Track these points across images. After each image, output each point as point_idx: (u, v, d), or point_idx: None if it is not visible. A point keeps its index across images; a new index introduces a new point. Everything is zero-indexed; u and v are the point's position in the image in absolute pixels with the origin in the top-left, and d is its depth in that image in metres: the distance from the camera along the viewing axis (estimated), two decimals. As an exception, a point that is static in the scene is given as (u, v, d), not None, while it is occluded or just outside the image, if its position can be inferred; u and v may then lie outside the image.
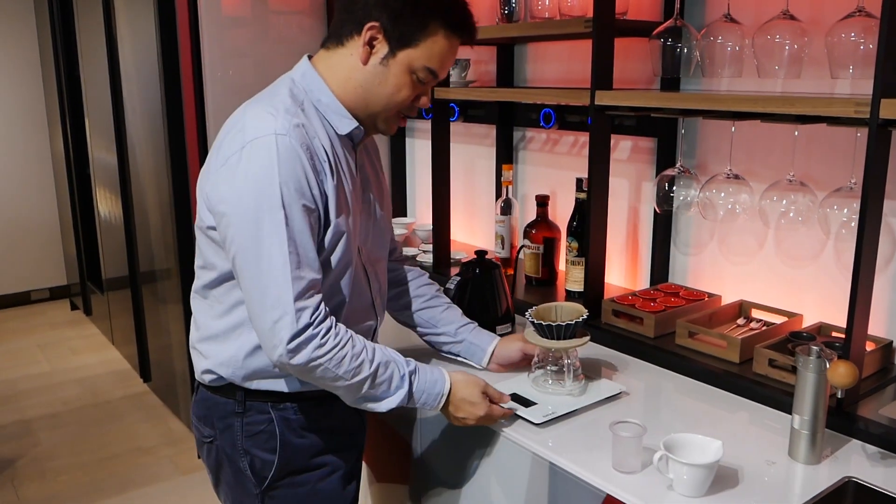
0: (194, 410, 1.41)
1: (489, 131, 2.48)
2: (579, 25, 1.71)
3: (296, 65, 1.32)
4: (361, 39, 1.23)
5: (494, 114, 2.38)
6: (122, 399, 3.52)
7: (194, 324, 1.38)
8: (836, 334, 1.55)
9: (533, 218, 2.17)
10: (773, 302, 1.71)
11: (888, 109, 1.19)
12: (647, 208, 2.00)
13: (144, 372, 3.56)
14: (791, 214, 1.51)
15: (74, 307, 4.79)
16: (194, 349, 1.37)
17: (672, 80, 1.76)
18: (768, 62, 1.50)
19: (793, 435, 1.23)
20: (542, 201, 2.14)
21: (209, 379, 1.33)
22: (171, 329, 3.08)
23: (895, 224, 1.48)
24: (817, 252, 1.62)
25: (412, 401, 1.29)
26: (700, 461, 1.12)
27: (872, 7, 1.33)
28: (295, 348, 1.16)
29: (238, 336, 1.29)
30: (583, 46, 2.06)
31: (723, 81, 1.71)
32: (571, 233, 2.02)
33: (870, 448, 1.26)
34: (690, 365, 1.55)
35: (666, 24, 1.65)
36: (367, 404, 1.27)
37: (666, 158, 1.87)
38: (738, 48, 1.57)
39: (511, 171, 2.24)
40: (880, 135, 1.21)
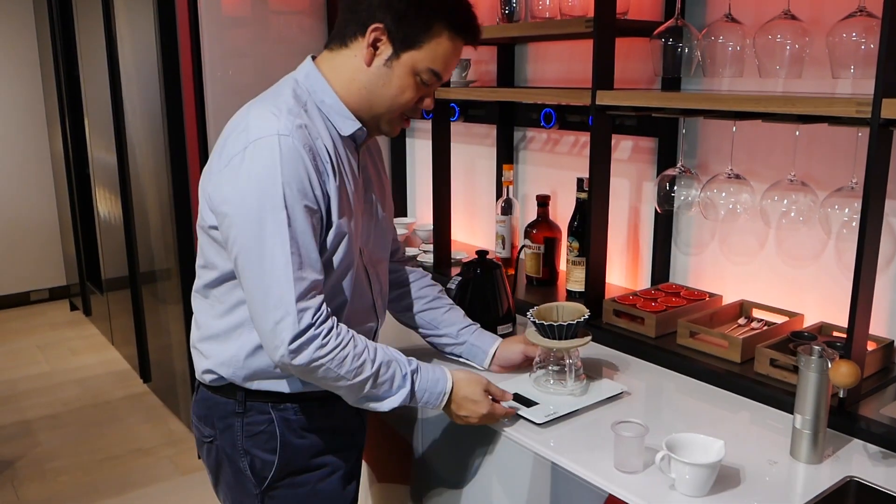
0: (194, 410, 1.41)
1: (490, 131, 2.48)
2: (580, 25, 1.71)
3: (299, 65, 1.32)
4: (365, 41, 1.23)
5: (495, 114, 2.38)
6: (121, 399, 3.52)
7: (195, 323, 1.38)
8: (837, 334, 1.55)
9: (534, 218, 2.17)
10: (774, 302, 1.71)
11: (889, 109, 1.19)
12: (648, 208, 2.00)
13: (144, 372, 3.55)
14: (792, 214, 1.51)
15: (74, 308, 4.78)
16: (195, 349, 1.37)
17: (673, 80, 1.76)
18: (769, 62, 1.50)
19: (794, 434, 1.24)
20: (543, 201, 2.14)
21: (210, 379, 1.33)
22: (170, 329, 3.08)
23: (896, 224, 1.49)
24: (818, 252, 1.62)
25: (414, 400, 1.29)
26: (702, 461, 1.12)
27: (873, 7, 1.33)
28: (297, 349, 1.16)
29: (239, 336, 1.29)
30: (583, 46, 2.06)
31: (724, 81, 1.71)
32: (572, 233, 2.02)
33: (871, 448, 1.26)
34: (692, 365, 1.55)
35: (667, 23, 1.65)
36: (370, 404, 1.27)
37: (667, 158, 1.87)
38: (739, 48, 1.57)
39: (512, 171, 2.24)
40: (881, 134, 1.21)
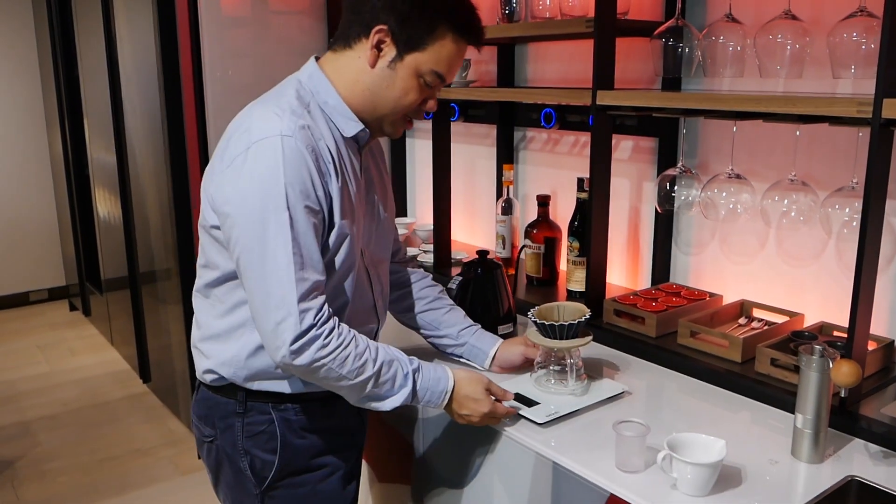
0: (195, 410, 1.41)
1: (490, 131, 2.48)
2: (580, 25, 1.71)
3: (303, 66, 1.31)
4: (369, 42, 1.23)
5: (495, 114, 2.38)
6: (121, 400, 3.52)
7: (196, 323, 1.38)
8: (837, 334, 1.55)
9: (534, 218, 2.17)
10: (774, 301, 1.71)
11: (890, 109, 1.19)
12: (649, 208, 2.00)
13: (144, 373, 3.55)
14: (792, 214, 1.51)
15: (73, 308, 4.78)
16: (195, 348, 1.37)
17: (673, 80, 1.76)
18: (770, 62, 1.50)
19: (795, 434, 1.24)
20: (543, 201, 2.14)
21: (210, 379, 1.33)
22: (170, 329, 3.07)
23: (897, 223, 1.49)
24: (819, 252, 1.62)
25: (416, 399, 1.29)
26: (704, 460, 1.12)
27: (874, 7, 1.33)
28: (298, 349, 1.16)
29: (240, 336, 1.29)
30: (583, 46, 2.07)
31: (724, 81, 1.71)
32: (573, 233, 2.02)
33: (872, 447, 1.27)
34: (692, 364, 1.55)
35: (667, 23, 1.66)
36: (371, 403, 1.27)
37: (667, 158, 1.87)
38: (739, 48, 1.57)
39: (512, 171, 2.24)
40: (882, 134, 1.21)
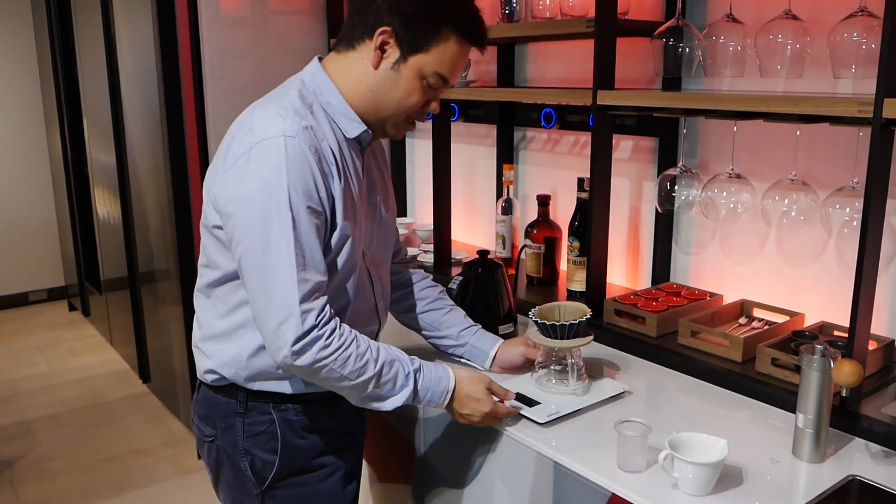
0: (195, 409, 1.41)
1: (490, 131, 2.48)
2: (581, 25, 1.71)
3: (306, 66, 1.31)
4: (373, 44, 1.23)
5: (495, 114, 2.38)
6: (121, 400, 3.51)
7: (197, 322, 1.38)
8: (837, 333, 1.55)
9: (534, 218, 2.17)
10: (774, 301, 1.71)
11: (891, 109, 1.19)
12: (649, 208, 2.00)
13: (144, 373, 3.55)
14: (793, 214, 1.52)
15: (73, 308, 4.77)
16: (196, 348, 1.37)
17: (674, 80, 1.76)
18: (770, 62, 1.50)
19: (796, 434, 1.24)
20: (544, 201, 2.14)
21: (211, 379, 1.33)
22: (170, 329, 3.07)
23: (897, 223, 1.49)
24: (819, 251, 1.63)
25: (417, 399, 1.29)
26: (705, 460, 1.12)
27: (875, 7, 1.33)
28: (300, 350, 1.16)
29: (241, 336, 1.28)
30: (584, 46, 2.07)
31: (724, 81, 1.71)
32: (573, 232, 2.02)
33: (873, 447, 1.27)
34: (693, 364, 1.55)
35: (667, 23, 1.66)
36: (373, 403, 1.27)
37: (667, 158, 1.87)
38: (739, 48, 1.57)
39: (512, 171, 2.24)
40: (883, 134, 1.21)
